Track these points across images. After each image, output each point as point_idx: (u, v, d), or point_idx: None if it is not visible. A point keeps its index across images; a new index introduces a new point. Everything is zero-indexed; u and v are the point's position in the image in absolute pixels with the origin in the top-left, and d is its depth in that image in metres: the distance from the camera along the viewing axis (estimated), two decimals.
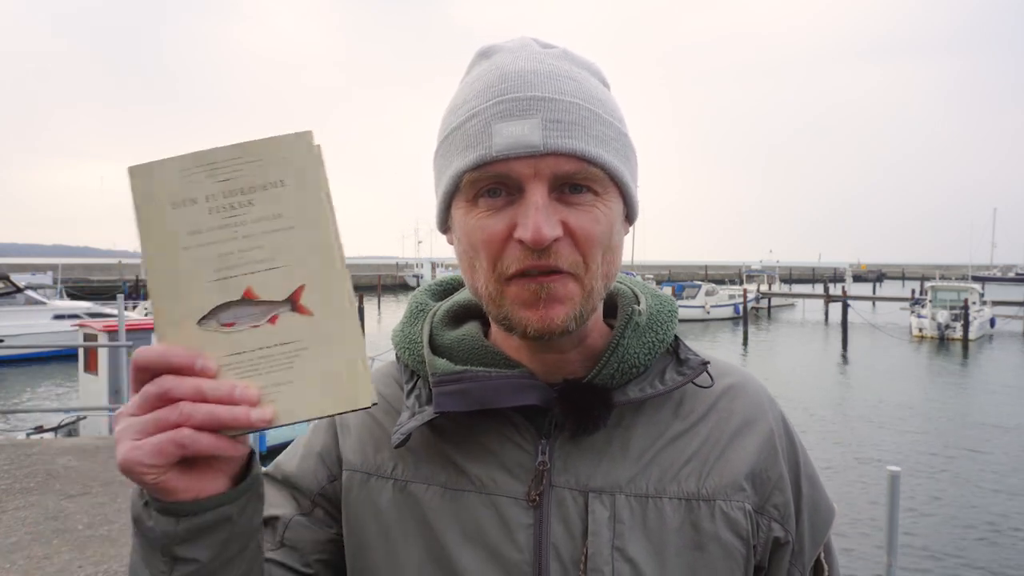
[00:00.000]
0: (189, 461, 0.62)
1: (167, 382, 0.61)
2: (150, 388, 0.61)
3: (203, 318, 0.63)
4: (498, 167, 0.72)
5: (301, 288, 0.63)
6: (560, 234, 0.72)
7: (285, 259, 0.63)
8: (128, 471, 0.61)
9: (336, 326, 0.63)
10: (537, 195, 0.72)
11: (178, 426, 0.60)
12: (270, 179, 0.64)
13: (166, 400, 0.61)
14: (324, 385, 0.63)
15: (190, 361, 0.61)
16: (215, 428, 0.61)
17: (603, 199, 0.75)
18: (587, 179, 0.74)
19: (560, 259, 0.73)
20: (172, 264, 0.63)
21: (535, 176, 0.72)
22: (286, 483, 0.88)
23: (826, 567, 0.88)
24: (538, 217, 0.70)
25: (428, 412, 0.80)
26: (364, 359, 0.64)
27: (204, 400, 0.61)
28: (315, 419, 0.65)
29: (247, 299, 0.63)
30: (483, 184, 0.74)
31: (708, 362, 0.84)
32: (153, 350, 0.62)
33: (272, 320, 0.63)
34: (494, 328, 0.85)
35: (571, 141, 0.72)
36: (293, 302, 0.63)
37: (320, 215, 0.64)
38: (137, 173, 0.64)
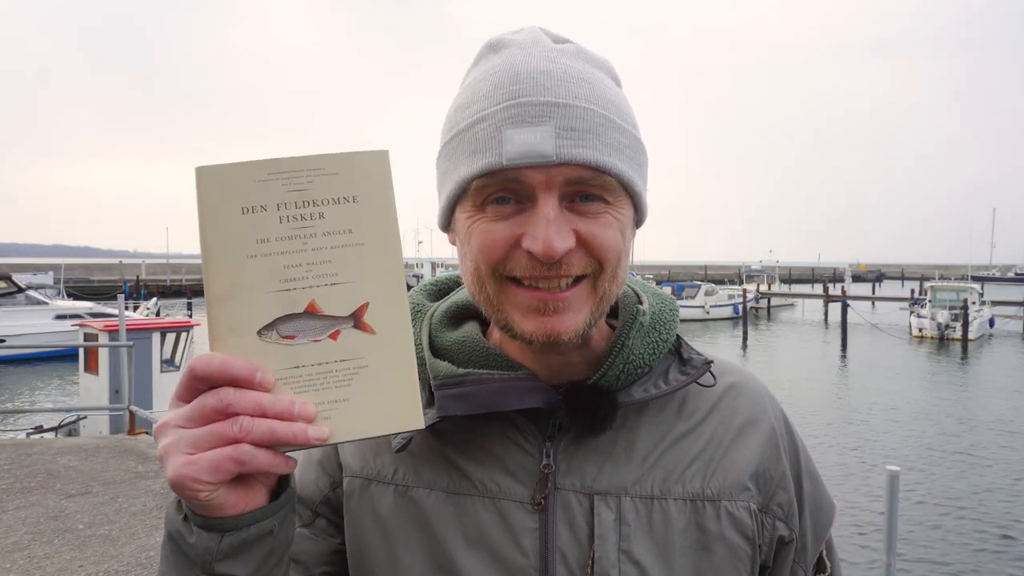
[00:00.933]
0: (239, 476, 0.60)
1: (228, 395, 0.59)
2: (208, 400, 0.59)
3: (263, 328, 0.62)
4: (508, 175, 0.70)
5: (365, 306, 0.63)
6: (572, 245, 0.71)
7: (352, 275, 0.63)
8: (181, 487, 0.58)
9: (396, 346, 0.63)
10: (549, 207, 0.70)
11: (236, 441, 0.58)
12: (344, 194, 0.63)
13: (225, 414, 0.58)
14: (381, 404, 0.63)
15: (251, 374, 0.59)
16: (272, 444, 0.59)
17: (614, 207, 0.74)
18: (599, 188, 0.72)
19: (573, 268, 0.72)
20: (235, 270, 0.62)
21: (547, 186, 0.70)
22: None
23: (828, 564, 0.87)
24: (549, 230, 0.69)
25: (430, 415, 0.78)
26: (417, 380, 0.64)
27: (264, 415, 0.59)
28: (368, 438, 0.64)
29: (310, 312, 0.62)
30: (492, 191, 0.72)
31: (712, 361, 0.84)
32: (214, 359, 0.59)
33: (334, 336, 0.62)
34: (494, 328, 0.84)
35: (584, 151, 0.70)
36: (357, 319, 0.63)
37: (390, 235, 0.64)
38: (206, 174, 0.62)
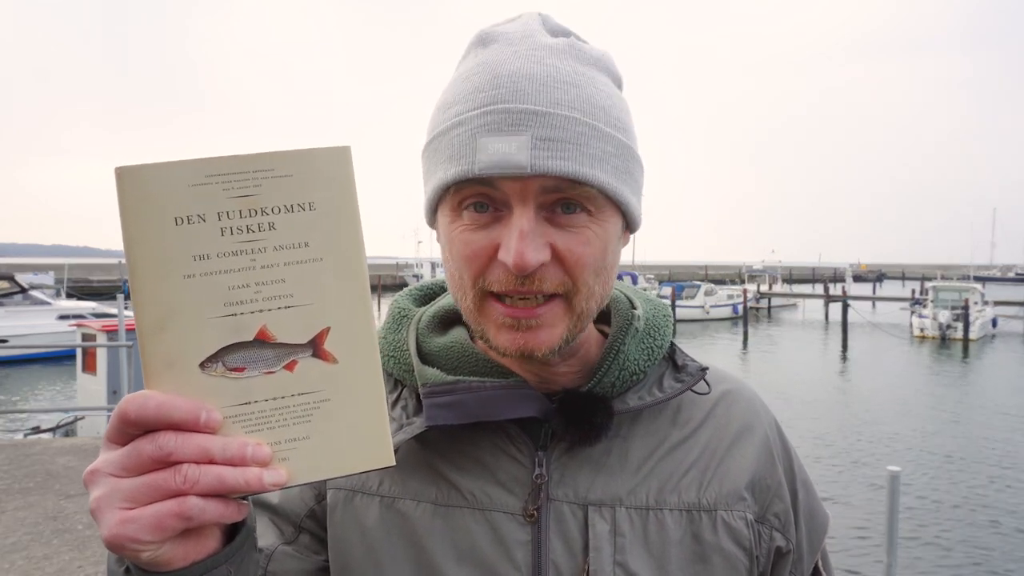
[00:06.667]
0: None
1: (168, 442, 0.51)
2: (145, 446, 0.51)
3: (207, 360, 0.54)
4: (484, 182, 0.68)
5: (326, 331, 0.55)
6: (546, 259, 0.68)
7: (309, 296, 0.55)
8: (119, 547, 0.51)
9: (362, 376, 0.56)
10: (523, 219, 0.67)
11: (180, 494, 0.51)
12: (299, 200, 0.55)
13: (165, 463, 0.51)
14: (346, 441, 0.56)
15: (194, 415, 0.52)
16: (222, 494, 0.52)
17: (597, 219, 0.71)
18: (580, 198, 0.69)
19: (545, 284, 0.69)
20: (170, 293, 0.53)
21: (522, 196, 0.67)
22: (266, 509, 0.81)
23: (824, 574, 0.87)
24: (522, 244, 0.66)
25: (418, 424, 0.76)
26: (386, 413, 0.57)
27: (211, 462, 0.52)
28: (332, 479, 0.57)
29: (261, 340, 0.55)
30: (468, 196, 0.70)
31: (707, 368, 0.83)
32: (149, 401, 0.52)
33: (290, 366, 0.55)
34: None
35: (562, 162, 0.67)
36: (316, 346, 0.55)
37: (353, 248, 0.56)
38: (130, 176, 0.53)
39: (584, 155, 0.68)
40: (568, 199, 0.69)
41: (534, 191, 0.68)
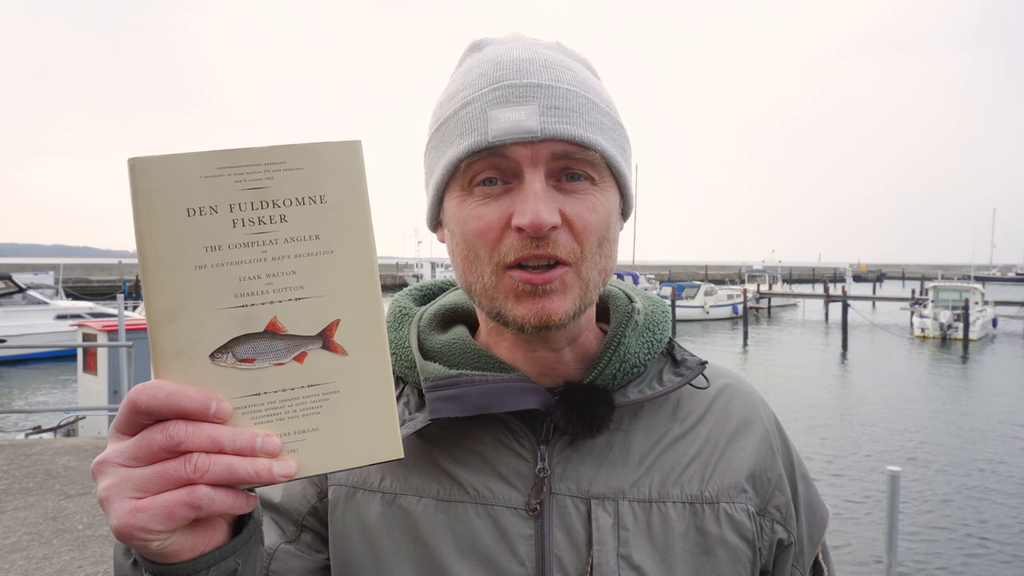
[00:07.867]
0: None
1: (179, 431, 0.51)
2: (155, 436, 0.52)
3: (217, 351, 0.54)
4: (495, 152, 0.71)
5: (336, 323, 0.56)
6: (559, 222, 0.70)
7: (319, 288, 0.56)
8: (128, 537, 0.51)
9: (371, 368, 0.57)
10: (536, 182, 0.70)
11: (190, 483, 0.51)
12: (310, 192, 0.55)
13: (175, 452, 0.52)
14: (354, 433, 0.56)
15: (204, 404, 0.53)
16: (231, 484, 0.53)
17: (600, 188, 0.74)
18: (585, 164, 0.72)
19: (559, 248, 0.71)
20: (181, 284, 0.54)
21: (532, 161, 0.70)
22: (268, 508, 0.81)
23: (824, 567, 0.87)
24: (537, 203, 0.69)
25: (420, 419, 0.76)
26: (395, 406, 0.58)
27: (221, 452, 0.52)
28: (340, 471, 0.58)
29: (271, 332, 0.55)
30: (480, 170, 0.72)
31: (706, 362, 0.84)
32: (160, 390, 0.52)
33: (300, 358, 0.55)
34: (483, 331, 0.83)
35: (569, 127, 0.71)
36: (326, 338, 0.56)
37: (363, 240, 0.57)
38: (142, 167, 0.53)
39: (588, 123, 0.73)
40: (573, 168, 0.72)
41: (544, 157, 0.71)
